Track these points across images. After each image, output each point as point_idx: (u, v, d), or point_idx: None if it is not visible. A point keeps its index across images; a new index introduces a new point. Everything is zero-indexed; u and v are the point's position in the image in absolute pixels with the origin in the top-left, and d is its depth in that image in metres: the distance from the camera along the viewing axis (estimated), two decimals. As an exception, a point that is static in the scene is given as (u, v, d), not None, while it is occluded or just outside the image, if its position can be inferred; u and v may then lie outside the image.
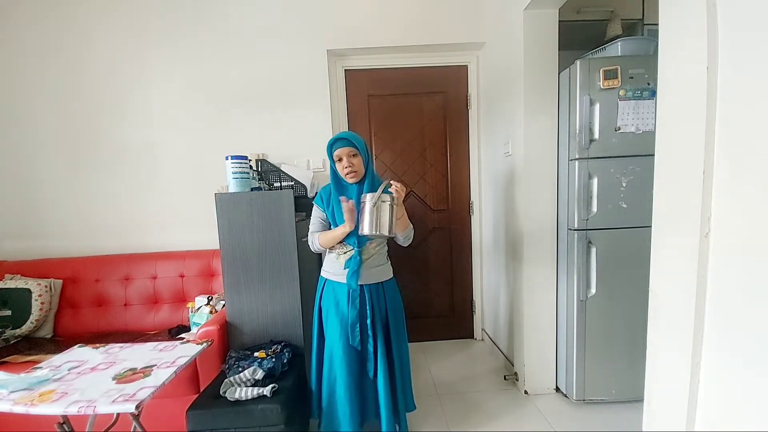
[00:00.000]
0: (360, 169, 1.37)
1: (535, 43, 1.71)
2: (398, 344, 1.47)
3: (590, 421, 1.66)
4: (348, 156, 1.34)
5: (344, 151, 1.34)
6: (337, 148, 1.35)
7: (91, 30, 2.14)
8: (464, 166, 2.49)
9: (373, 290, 1.43)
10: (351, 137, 1.35)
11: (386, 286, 1.47)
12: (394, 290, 1.51)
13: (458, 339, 2.59)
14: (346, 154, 1.34)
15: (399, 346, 1.47)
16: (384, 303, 1.46)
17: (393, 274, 1.52)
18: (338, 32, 2.21)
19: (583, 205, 1.64)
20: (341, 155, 1.34)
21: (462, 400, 1.88)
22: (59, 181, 2.20)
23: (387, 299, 1.46)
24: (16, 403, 0.98)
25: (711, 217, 0.74)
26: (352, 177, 1.36)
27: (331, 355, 1.41)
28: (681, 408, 0.81)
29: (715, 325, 0.75)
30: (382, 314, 1.44)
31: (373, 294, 1.42)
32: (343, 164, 1.35)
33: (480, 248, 2.53)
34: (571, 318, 1.72)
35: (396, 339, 1.46)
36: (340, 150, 1.34)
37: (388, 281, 1.49)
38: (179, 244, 2.19)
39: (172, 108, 2.19)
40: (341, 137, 1.35)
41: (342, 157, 1.34)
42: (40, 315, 1.93)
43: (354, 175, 1.36)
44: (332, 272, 1.45)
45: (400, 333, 1.49)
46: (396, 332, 1.47)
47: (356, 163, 1.35)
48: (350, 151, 1.35)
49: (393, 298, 1.49)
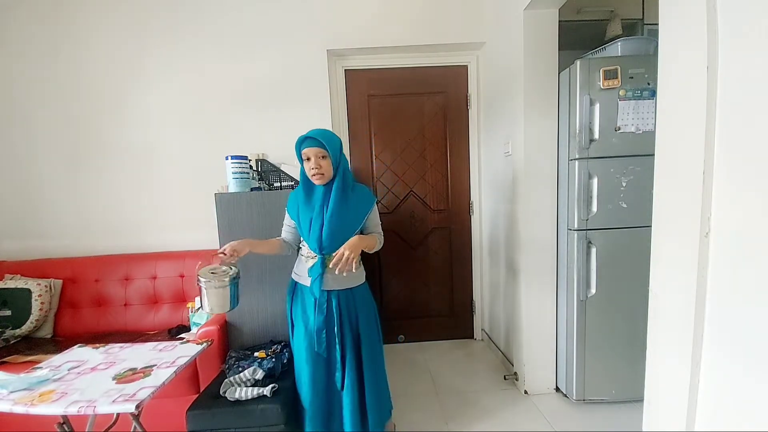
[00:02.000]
0: (327, 172, 1.29)
1: (535, 43, 1.71)
2: (371, 352, 1.39)
3: (590, 421, 1.66)
4: (316, 157, 1.27)
5: (312, 151, 1.26)
6: (306, 147, 1.27)
7: (91, 30, 2.14)
8: (464, 166, 2.48)
9: (342, 296, 1.36)
10: (322, 137, 1.26)
11: (356, 291, 1.39)
12: (365, 296, 1.43)
13: (458, 339, 2.59)
14: (314, 155, 1.26)
15: (372, 355, 1.40)
16: (354, 310, 1.38)
17: (365, 278, 1.46)
18: (338, 32, 2.21)
19: (583, 205, 1.64)
20: (309, 155, 1.27)
21: (462, 400, 1.88)
22: (59, 181, 2.20)
23: (357, 306, 1.39)
24: (16, 403, 0.98)
25: (711, 217, 0.74)
26: (318, 179, 1.29)
27: (298, 363, 1.36)
28: (681, 408, 0.81)
29: (715, 325, 0.75)
30: (352, 321, 1.37)
31: (341, 300, 1.35)
32: (311, 165, 1.27)
33: (480, 248, 2.53)
34: (571, 318, 1.72)
35: (368, 347, 1.39)
36: (308, 150, 1.27)
37: (358, 287, 1.41)
38: (179, 244, 2.19)
39: (172, 108, 2.19)
40: (311, 136, 1.26)
41: (310, 156, 1.27)
42: (40, 315, 1.93)
43: (320, 177, 1.29)
44: (300, 274, 1.39)
45: (373, 340, 1.42)
46: (368, 340, 1.39)
47: (324, 166, 1.28)
48: (319, 152, 1.26)
49: (365, 305, 1.41)
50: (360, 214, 1.35)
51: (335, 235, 1.29)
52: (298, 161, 1.33)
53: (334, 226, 1.29)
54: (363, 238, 1.30)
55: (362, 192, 1.39)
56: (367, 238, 1.32)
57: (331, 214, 1.29)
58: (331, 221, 1.29)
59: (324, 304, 1.33)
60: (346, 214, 1.31)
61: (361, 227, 1.36)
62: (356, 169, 2.43)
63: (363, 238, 1.30)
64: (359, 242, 1.27)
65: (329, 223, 1.28)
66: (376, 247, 1.38)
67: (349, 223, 1.32)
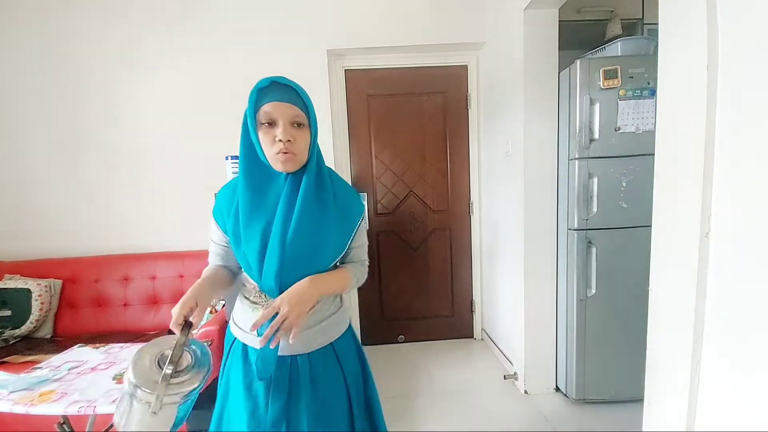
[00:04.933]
0: (301, 152, 0.76)
1: (535, 43, 1.71)
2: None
3: (590, 421, 1.66)
4: (288, 122, 0.74)
5: (283, 111, 0.73)
6: (270, 101, 0.73)
7: (88, 31, 2.13)
8: (464, 166, 2.48)
9: (318, 362, 0.82)
10: (297, 87, 0.77)
11: (339, 346, 0.86)
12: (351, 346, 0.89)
13: (458, 339, 2.59)
14: (286, 117, 0.74)
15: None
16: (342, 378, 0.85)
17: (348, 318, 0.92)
18: (338, 32, 2.21)
19: (583, 205, 1.64)
20: (277, 116, 0.73)
21: (461, 400, 1.88)
22: (59, 181, 2.20)
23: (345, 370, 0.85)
24: (16, 403, 0.97)
25: (711, 217, 0.74)
26: (286, 161, 0.75)
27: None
28: (681, 408, 0.81)
29: (715, 325, 0.75)
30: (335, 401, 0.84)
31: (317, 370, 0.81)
32: (276, 133, 0.73)
33: (480, 248, 2.53)
34: (571, 318, 1.72)
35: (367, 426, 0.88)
36: (274, 106, 0.73)
37: (340, 338, 0.87)
38: (179, 244, 2.19)
39: (172, 108, 2.19)
40: (282, 81, 0.76)
41: (276, 120, 0.74)
42: (40, 315, 1.93)
43: (291, 159, 0.75)
44: (242, 327, 0.84)
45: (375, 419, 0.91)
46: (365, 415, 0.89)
47: (299, 140, 0.75)
48: (295, 115, 0.75)
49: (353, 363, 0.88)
50: (344, 225, 0.83)
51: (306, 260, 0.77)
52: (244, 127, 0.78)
53: (305, 242, 0.75)
54: (321, 280, 0.77)
55: (347, 191, 0.87)
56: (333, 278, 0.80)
57: (300, 223, 0.75)
58: (299, 235, 0.75)
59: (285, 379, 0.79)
60: (324, 222, 0.78)
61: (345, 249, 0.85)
62: (356, 169, 2.43)
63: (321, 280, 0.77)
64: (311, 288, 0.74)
65: (296, 237, 0.75)
66: (349, 287, 0.86)
67: (327, 238, 0.80)
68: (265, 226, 0.75)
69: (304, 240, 0.75)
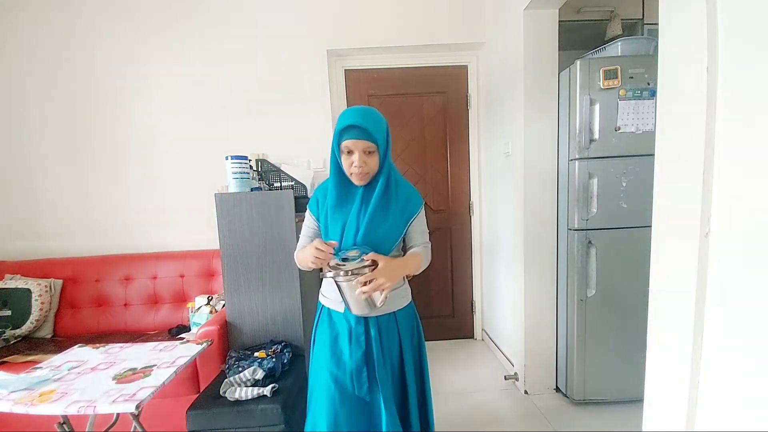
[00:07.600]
0: (373, 170, 1.03)
1: (535, 43, 1.71)
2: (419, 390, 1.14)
3: (590, 421, 1.66)
4: (362, 152, 0.99)
5: (357, 145, 0.98)
6: (349, 138, 0.98)
7: (91, 32, 2.14)
8: (464, 166, 2.48)
9: (383, 324, 1.08)
10: (369, 125, 0.98)
11: (400, 315, 1.11)
12: (411, 320, 1.17)
13: (458, 339, 2.59)
14: (359, 149, 0.98)
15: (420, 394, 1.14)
16: (398, 340, 1.10)
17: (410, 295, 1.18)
18: (338, 32, 2.21)
19: (583, 205, 1.64)
20: (352, 148, 0.99)
21: (462, 400, 1.88)
22: (60, 181, 2.20)
23: (401, 335, 1.11)
24: (16, 403, 0.98)
25: (711, 217, 0.74)
26: (360, 178, 1.03)
27: (317, 404, 1.07)
28: (681, 408, 0.81)
29: (715, 325, 0.74)
30: (393, 356, 1.09)
31: (382, 329, 1.07)
32: (353, 160, 1.00)
33: (480, 248, 2.53)
34: (571, 318, 1.72)
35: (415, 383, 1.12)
36: (351, 142, 0.98)
37: (402, 309, 1.13)
38: (179, 244, 2.19)
39: (172, 108, 2.19)
40: (357, 124, 0.97)
41: (353, 150, 0.99)
42: (40, 315, 1.93)
43: (365, 177, 1.03)
44: (329, 297, 1.12)
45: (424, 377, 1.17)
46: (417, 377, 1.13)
47: (370, 163, 1.01)
48: (366, 146, 0.99)
49: (410, 332, 1.14)
50: (402, 218, 1.09)
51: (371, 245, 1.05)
52: (333, 150, 1.04)
53: (372, 235, 1.04)
54: (406, 263, 1.05)
55: (407, 191, 1.12)
56: (410, 261, 1.06)
57: (370, 220, 1.03)
58: (369, 229, 1.03)
59: (362, 335, 1.05)
60: (385, 220, 1.05)
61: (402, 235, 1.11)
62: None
63: (406, 263, 1.05)
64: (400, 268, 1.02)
65: (366, 231, 1.03)
66: (422, 267, 1.09)
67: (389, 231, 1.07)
68: (345, 219, 1.06)
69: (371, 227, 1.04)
